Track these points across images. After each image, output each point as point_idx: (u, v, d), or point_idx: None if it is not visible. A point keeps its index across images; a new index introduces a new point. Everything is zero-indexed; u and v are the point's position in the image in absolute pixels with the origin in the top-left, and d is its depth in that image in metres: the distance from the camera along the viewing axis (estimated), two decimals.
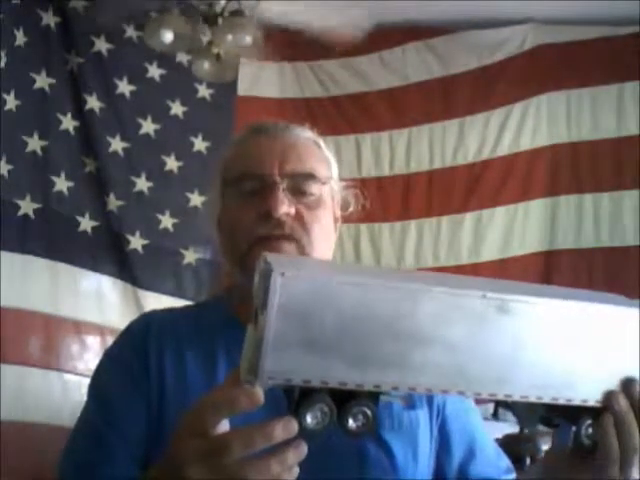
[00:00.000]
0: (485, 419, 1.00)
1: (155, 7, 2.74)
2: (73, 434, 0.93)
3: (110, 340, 1.02)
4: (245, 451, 0.62)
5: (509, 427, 2.48)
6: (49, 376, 2.80)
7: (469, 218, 3.18)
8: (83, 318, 2.90)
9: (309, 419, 0.64)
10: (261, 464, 0.62)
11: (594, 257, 3.01)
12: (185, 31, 2.70)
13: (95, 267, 2.99)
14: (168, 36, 2.70)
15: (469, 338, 0.66)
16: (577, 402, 0.71)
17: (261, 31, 2.67)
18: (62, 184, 2.96)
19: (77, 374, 2.82)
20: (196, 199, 3.15)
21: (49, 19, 2.97)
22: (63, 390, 2.80)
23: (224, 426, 0.65)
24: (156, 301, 2.96)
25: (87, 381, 0.96)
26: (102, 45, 3.09)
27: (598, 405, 0.72)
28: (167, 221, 3.14)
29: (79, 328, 2.89)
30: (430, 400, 0.94)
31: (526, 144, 3.17)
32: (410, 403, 0.87)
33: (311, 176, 0.95)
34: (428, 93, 3.28)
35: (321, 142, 1.02)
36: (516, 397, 0.69)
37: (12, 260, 2.76)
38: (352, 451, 0.87)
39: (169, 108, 3.21)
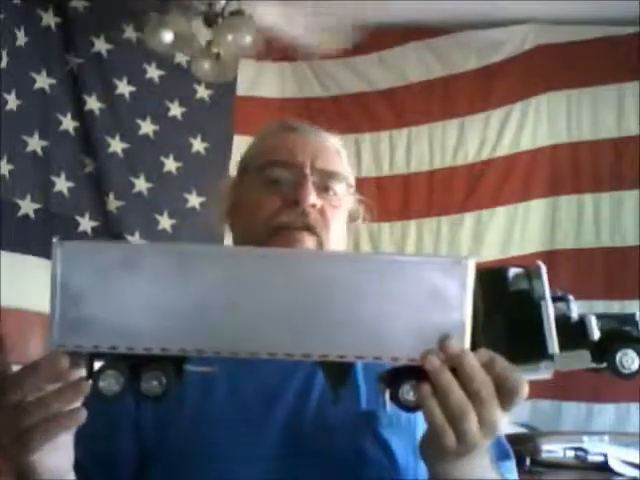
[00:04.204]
0: None
1: (155, 7, 2.74)
2: None
3: None
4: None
5: (509, 427, 2.48)
6: None
7: (469, 218, 3.18)
8: None
9: (101, 383, 0.66)
10: (39, 401, 0.65)
11: (594, 257, 3.01)
12: (185, 31, 2.70)
13: None
14: (168, 36, 2.70)
15: (253, 298, 0.66)
16: (386, 360, 0.68)
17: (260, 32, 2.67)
18: (62, 184, 2.96)
19: None
20: (194, 200, 3.15)
21: (49, 19, 2.97)
22: None
23: None
24: None
25: None
26: (102, 46, 3.08)
27: (413, 364, 0.67)
28: (165, 222, 3.13)
29: None
30: None
31: (526, 144, 3.17)
32: (216, 372, 0.76)
33: (339, 176, 0.98)
34: (428, 93, 3.27)
35: (343, 152, 1.03)
36: (315, 357, 0.67)
37: (12, 260, 2.76)
38: (351, 450, 0.86)
39: (168, 109, 3.21)
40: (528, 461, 2.16)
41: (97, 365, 0.67)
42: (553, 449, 2.19)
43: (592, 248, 3.03)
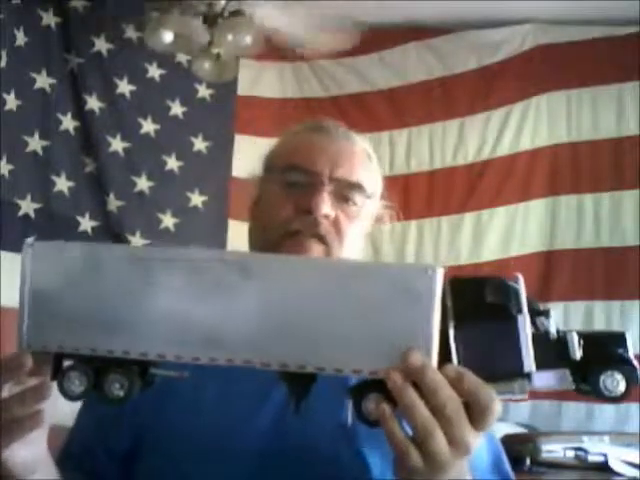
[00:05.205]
0: None
1: (155, 7, 2.74)
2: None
3: None
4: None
5: (509, 427, 2.48)
6: None
7: (469, 218, 3.18)
8: None
9: (65, 384, 0.66)
10: (3, 404, 0.65)
11: (594, 257, 3.01)
12: (185, 31, 2.70)
13: None
14: (168, 36, 2.71)
15: (214, 304, 0.65)
16: (348, 372, 0.64)
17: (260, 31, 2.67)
18: (62, 184, 2.96)
19: None
20: (197, 199, 3.15)
21: (49, 19, 2.97)
22: None
23: None
24: None
25: None
26: (102, 45, 3.09)
27: (375, 377, 0.64)
28: (168, 221, 3.14)
29: None
30: None
31: (526, 144, 3.17)
32: (186, 377, 0.70)
33: (359, 186, 0.95)
34: (428, 93, 3.28)
35: (374, 156, 1.01)
36: (274, 366, 0.64)
37: (12, 260, 2.75)
38: (327, 463, 0.84)
39: (169, 108, 3.21)
40: (528, 461, 2.16)
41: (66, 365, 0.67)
42: (553, 449, 2.19)
43: (592, 248, 3.03)
